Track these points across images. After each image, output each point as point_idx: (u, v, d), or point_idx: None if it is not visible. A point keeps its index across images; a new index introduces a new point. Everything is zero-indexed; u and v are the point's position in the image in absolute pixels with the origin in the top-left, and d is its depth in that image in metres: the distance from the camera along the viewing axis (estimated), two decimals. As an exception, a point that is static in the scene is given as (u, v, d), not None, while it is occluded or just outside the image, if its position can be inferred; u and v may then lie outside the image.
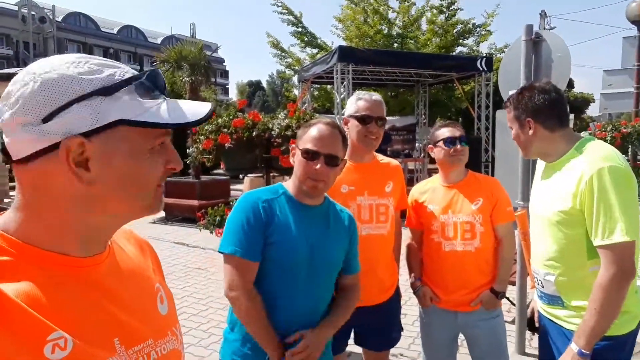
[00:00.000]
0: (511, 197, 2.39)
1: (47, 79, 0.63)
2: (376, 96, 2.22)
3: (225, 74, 71.31)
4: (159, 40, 51.71)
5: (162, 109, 0.68)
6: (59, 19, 46.58)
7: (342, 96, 9.52)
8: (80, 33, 53.67)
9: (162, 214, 10.06)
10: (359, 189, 2.11)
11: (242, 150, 4.56)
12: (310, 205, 1.63)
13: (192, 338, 3.81)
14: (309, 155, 1.56)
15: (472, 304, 2.21)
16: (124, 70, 0.68)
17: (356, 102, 2.16)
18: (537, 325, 1.94)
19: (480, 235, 2.18)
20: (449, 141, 2.21)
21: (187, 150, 5.50)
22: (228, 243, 1.55)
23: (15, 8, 42.54)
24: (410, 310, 4.44)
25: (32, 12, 38.99)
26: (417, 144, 12.29)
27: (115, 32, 57.67)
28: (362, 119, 2.12)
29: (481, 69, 10.58)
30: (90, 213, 0.68)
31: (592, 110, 30.06)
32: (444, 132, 2.25)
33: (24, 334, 0.58)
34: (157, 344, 0.75)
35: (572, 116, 15.42)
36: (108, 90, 0.64)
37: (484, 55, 12.40)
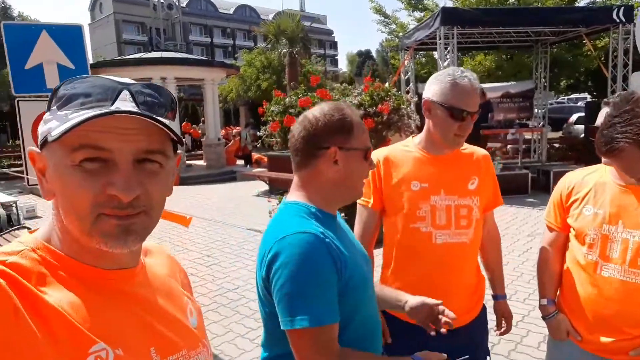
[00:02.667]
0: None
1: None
2: (475, 79, 1.67)
3: (334, 45, 71.38)
4: (270, 17, 53.31)
5: (76, 116, 0.63)
6: (184, 4, 50.59)
7: (445, 63, 8.80)
8: (201, 16, 57.91)
9: (265, 187, 10.56)
10: (434, 186, 1.70)
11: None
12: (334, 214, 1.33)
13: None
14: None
15: (632, 353, 1.60)
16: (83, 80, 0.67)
17: (449, 86, 1.64)
18: None
19: None
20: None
21: (258, 133, 5.51)
22: (303, 312, 1.08)
23: (148, -2, 47.27)
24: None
25: (161, 0, 42.83)
26: (535, 111, 11.03)
27: (231, 12, 61.13)
28: (456, 114, 1.63)
29: (618, 20, 8.91)
30: (69, 228, 0.67)
31: None
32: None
33: (68, 344, 0.58)
34: (191, 355, 0.76)
35: None
36: (49, 105, 0.67)
37: (622, 4, 10.43)
